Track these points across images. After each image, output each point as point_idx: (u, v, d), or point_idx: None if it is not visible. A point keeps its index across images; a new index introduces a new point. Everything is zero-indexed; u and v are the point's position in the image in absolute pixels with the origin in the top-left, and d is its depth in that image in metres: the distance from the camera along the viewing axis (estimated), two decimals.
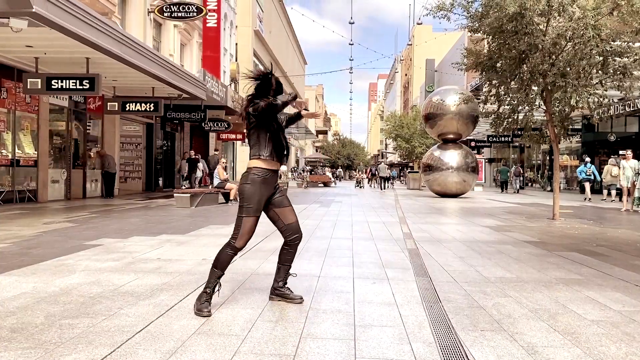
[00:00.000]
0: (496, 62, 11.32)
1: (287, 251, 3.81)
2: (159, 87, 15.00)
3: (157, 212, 11.58)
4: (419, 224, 9.78)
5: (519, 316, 3.51)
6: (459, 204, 16.90)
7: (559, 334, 3.13)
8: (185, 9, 20.43)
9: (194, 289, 4.10)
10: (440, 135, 21.21)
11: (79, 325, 3.10)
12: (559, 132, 11.41)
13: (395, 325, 3.26)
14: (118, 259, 5.42)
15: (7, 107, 13.03)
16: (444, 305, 3.76)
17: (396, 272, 5.01)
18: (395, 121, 37.99)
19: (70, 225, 8.52)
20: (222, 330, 3.07)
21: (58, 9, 8.71)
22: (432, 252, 6.27)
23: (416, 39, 68.85)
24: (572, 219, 11.27)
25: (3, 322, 3.15)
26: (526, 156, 36.59)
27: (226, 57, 29.90)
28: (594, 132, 26.26)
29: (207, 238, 7.22)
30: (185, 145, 25.30)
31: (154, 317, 3.32)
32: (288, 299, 3.75)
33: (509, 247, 6.82)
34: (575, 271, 5.19)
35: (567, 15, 9.76)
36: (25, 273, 4.60)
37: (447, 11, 11.28)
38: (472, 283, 4.55)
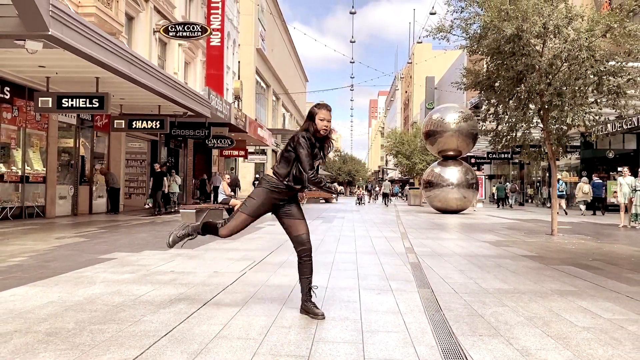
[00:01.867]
0: (494, 82, 11.66)
1: (300, 263, 3.94)
2: (165, 105, 15.36)
3: (164, 227, 11.83)
4: (420, 239, 10.03)
5: (515, 323, 3.77)
6: (460, 220, 17.16)
7: (552, 339, 3.38)
8: (190, 28, 20.92)
9: (209, 299, 4.36)
10: (441, 152, 21.54)
11: (108, 330, 3.36)
12: (556, 150, 11.71)
13: (400, 331, 3.52)
14: (133, 271, 5.67)
15: (17, 125, 13.37)
16: (445, 314, 4.01)
17: (399, 284, 5.26)
18: (396, 138, 38.38)
19: (81, 240, 8.78)
20: (241, 335, 3.33)
21: (72, 31, 9.07)
22: (433, 266, 6.53)
23: (416, 57, 69.66)
24: (570, 235, 11.52)
25: (38, 327, 3.41)
26: (526, 173, 36.92)
27: (229, 74, 30.41)
28: (592, 149, 26.61)
29: (216, 252, 7.47)
30: (188, 161, 25.64)
31: (176, 323, 3.57)
32: (311, 313, 3.84)
33: (508, 261, 7.08)
34: (570, 283, 5.44)
35: (562, 37, 10.13)
36: (48, 284, 4.86)
37: (447, 32, 11.64)
38: (471, 294, 4.80)
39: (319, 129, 3.90)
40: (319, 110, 3.93)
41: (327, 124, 3.92)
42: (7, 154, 13.12)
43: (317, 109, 3.95)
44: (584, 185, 21.21)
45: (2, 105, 12.74)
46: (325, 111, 3.94)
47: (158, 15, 21.05)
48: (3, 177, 12.92)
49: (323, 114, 3.92)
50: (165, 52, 22.36)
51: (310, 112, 3.98)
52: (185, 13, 24.24)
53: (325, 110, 3.94)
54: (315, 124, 3.90)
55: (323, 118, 3.91)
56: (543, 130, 11.57)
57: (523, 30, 9.94)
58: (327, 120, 3.93)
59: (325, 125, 3.91)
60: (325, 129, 3.92)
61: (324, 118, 3.91)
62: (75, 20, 9.18)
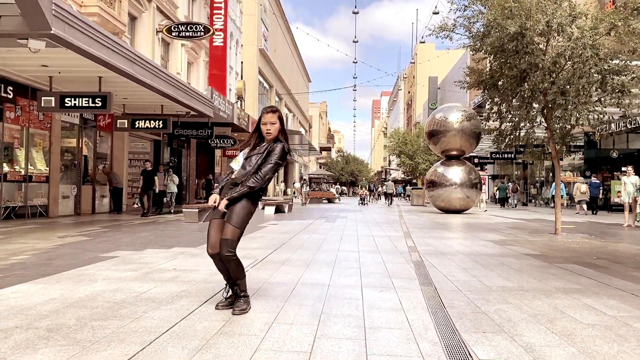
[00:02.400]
0: (498, 81, 11.62)
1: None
2: (168, 105, 15.36)
3: (166, 226, 11.83)
4: (423, 238, 9.99)
5: (518, 320, 3.73)
6: (463, 219, 17.11)
7: (556, 335, 3.35)
8: (193, 28, 20.93)
9: (211, 296, 4.34)
10: (444, 152, 21.48)
11: (109, 327, 3.34)
12: (560, 149, 11.66)
13: (403, 327, 3.49)
14: (136, 269, 5.66)
15: (21, 125, 13.39)
16: (449, 311, 3.98)
17: (402, 281, 5.23)
18: (399, 138, 38.31)
19: (84, 239, 8.78)
20: (242, 331, 3.30)
21: (75, 30, 9.07)
22: (436, 264, 6.50)
23: (419, 56, 69.57)
24: (574, 234, 11.47)
25: (39, 323, 3.40)
26: (529, 173, 36.82)
27: (232, 75, 30.40)
28: (596, 149, 26.51)
29: None
30: (191, 161, 25.65)
31: (177, 319, 3.55)
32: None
33: (511, 260, 7.04)
34: (575, 281, 5.40)
35: (566, 35, 10.08)
36: (50, 282, 4.84)
37: (450, 31, 11.60)
38: (475, 291, 4.77)
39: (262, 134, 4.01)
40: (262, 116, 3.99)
41: (269, 127, 3.96)
42: (10, 153, 13.13)
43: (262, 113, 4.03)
44: (581, 185, 22.01)
45: (6, 105, 12.76)
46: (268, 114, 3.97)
47: (161, 15, 21.07)
48: (6, 177, 12.93)
49: (265, 117, 3.97)
50: (168, 53, 22.38)
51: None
52: (188, 13, 24.26)
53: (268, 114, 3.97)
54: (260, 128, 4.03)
55: (265, 122, 3.97)
56: (547, 129, 11.52)
57: (527, 28, 9.90)
58: (270, 123, 3.96)
59: (268, 130, 3.96)
60: (268, 132, 3.96)
61: (266, 122, 3.97)
62: (78, 19, 9.19)
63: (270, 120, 3.96)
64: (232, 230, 3.78)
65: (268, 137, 3.98)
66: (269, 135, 3.97)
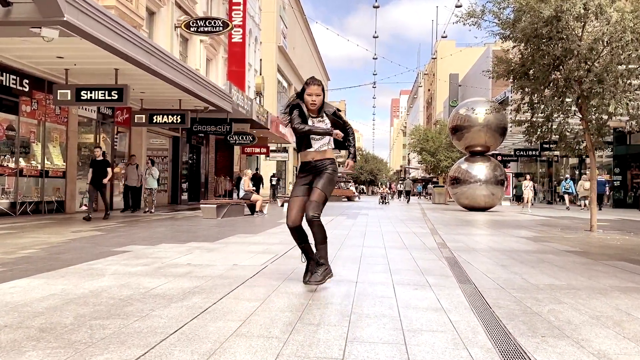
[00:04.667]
0: (529, 69, 11.00)
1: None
2: (185, 100, 15.04)
3: (183, 222, 11.48)
4: (451, 235, 9.47)
5: (580, 323, 3.23)
6: (489, 217, 16.49)
7: (631, 342, 2.84)
8: (212, 23, 20.64)
9: (227, 292, 3.91)
10: (468, 148, 20.86)
11: (109, 326, 2.93)
12: (596, 141, 11.02)
13: (447, 330, 3.01)
14: (147, 264, 5.27)
15: (37, 119, 13.17)
16: (496, 311, 3.49)
17: (437, 279, 4.75)
18: (420, 135, 37.60)
19: (98, 234, 8.45)
20: (262, 333, 2.86)
21: (89, 18, 8.76)
22: (470, 261, 5.99)
23: (439, 53, 68.58)
24: (610, 231, 10.83)
25: (31, 322, 3.00)
26: (554, 171, 35.80)
27: (251, 72, 30.10)
28: (626, 145, 25.57)
29: (236, 246, 7.04)
30: (210, 158, 25.38)
31: (188, 319, 3.13)
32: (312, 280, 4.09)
33: (551, 257, 6.49)
34: (629, 279, 4.86)
35: (604, 19, 9.45)
36: (53, 276, 4.47)
37: (478, 18, 11.05)
38: (520, 290, 4.26)
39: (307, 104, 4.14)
40: (307, 86, 4.13)
41: (315, 98, 4.10)
42: (27, 148, 12.92)
43: (306, 84, 4.16)
44: (585, 182, 22.67)
45: (22, 99, 12.54)
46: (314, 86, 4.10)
47: (179, 10, 20.79)
48: (22, 172, 12.72)
49: (311, 89, 4.10)
50: (186, 49, 22.11)
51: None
52: (206, 9, 23.96)
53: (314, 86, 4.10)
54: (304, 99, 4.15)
55: (311, 93, 4.10)
56: (582, 120, 10.89)
57: (562, 12, 9.30)
58: (316, 95, 4.11)
59: (313, 100, 4.10)
60: (313, 102, 4.10)
61: (312, 93, 4.10)
62: (92, 6, 8.87)
63: (316, 92, 4.10)
64: (319, 193, 4.05)
65: (313, 107, 4.14)
66: (313, 106, 4.13)
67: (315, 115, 4.18)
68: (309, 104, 4.11)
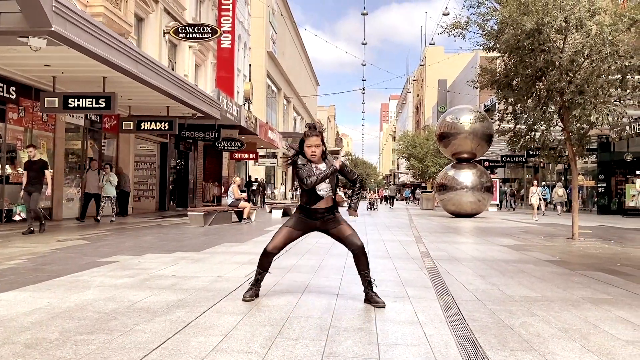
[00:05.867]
0: (512, 80, 11.21)
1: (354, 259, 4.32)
2: (173, 107, 15.09)
3: (170, 230, 11.53)
4: (435, 243, 9.62)
5: (548, 336, 3.37)
6: (475, 223, 16.68)
7: (594, 355, 2.98)
8: (200, 30, 20.68)
9: (210, 306, 4.01)
10: (455, 155, 21.07)
11: (94, 341, 3.01)
12: (577, 150, 11.25)
13: (420, 344, 3.14)
14: (133, 275, 5.34)
15: (24, 126, 13.16)
16: (470, 324, 3.62)
17: (417, 290, 4.88)
18: (408, 140, 37.89)
19: (84, 243, 8.49)
20: (242, 348, 2.96)
21: (76, 27, 8.81)
22: (451, 271, 6.13)
23: (428, 59, 69.06)
24: (591, 239, 11.05)
25: (17, 337, 3.08)
26: (540, 176, 36.22)
27: (240, 77, 30.18)
28: (610, 152, 25.95)
29: (222, 256, 7.13)
30: (198, 164, 25.39)
31: (171, 333, 3.22)
32: (372, 302, 4.16)
33: (531, 266, 6.65)
34: (602, 290, 5.02)
35: (584, 32, 9.68)
36: (40, 289, 4.53)
37: (462, 29, 11.24)
38: (496, 302, 4.40)
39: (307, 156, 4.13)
40: (306, 138, 4.10)
41: (315, 149, 4.08)
42: (13, 155, 12.89)
43: (304, 135, 4.12)
44: (559, 189, 25.62)
45: (9, 106, 12.52)
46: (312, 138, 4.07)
47: (168, 16, 20.84)
48: (9, 179, 12.69)
49: (310, 141, 4.07)
50: (175, 54, 22.15)
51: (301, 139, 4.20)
52: (195, 15, 24.03)
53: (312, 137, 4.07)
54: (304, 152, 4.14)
55: (310, 145, 4.07)
56: (563, 130, 11.11)
57: (543, 24, 9.51)
58: (315, 146, 4.08)
59: (312, 152, 4.09)
60: (313, 154, 4.09)
61: (311, 144, 4.07)
62: (80, 16, 8.92)
63: (315, 143, 4.09)
64: (349, 225, 4.26)
65: (313, 159, 4.14)
66: (314, 157, 4.13)
67: (319, 163, 4.19)
68: (309, 155, 4.10)
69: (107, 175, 14.13)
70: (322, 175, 4.05)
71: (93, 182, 13.93)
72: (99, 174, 14.11)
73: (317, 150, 4.07)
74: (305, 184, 4.05)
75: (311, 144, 4.06)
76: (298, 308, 4.03)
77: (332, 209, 4.24)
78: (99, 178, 14.01)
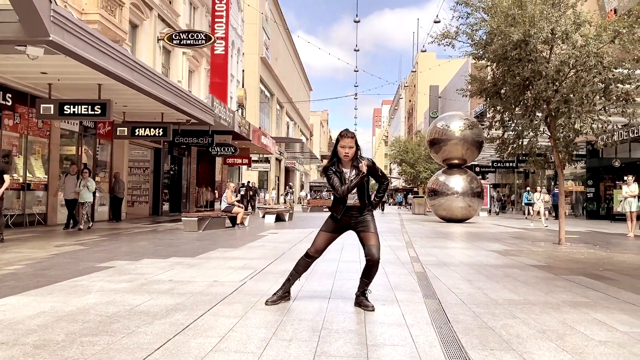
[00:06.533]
0: (500, 89, 11.50)
1: (365, 268, 4.47)
2: (168, 113, 15.25)
3: (165, 235, 11.68)
4: (425, 248, 9.84)
5: (527, 336, 3.58)
6: (465, 228, 16.94)
7: (567, 354, 3.20)
8: (194, 36, 20.88)
9: (207, 309, 4.19)
10: (445, 161, 21.35)
11: (99, 343, 3.19)
12: (563, 158, 11.53)
13: (407, 344, 3.34)
14: (131, 280, 5.51)
15: (19, 132, 13.28)
16: (454, 326, 3.83)
17: (405, 294, 5.08)
18: (400, 146, 38.21)
19: (81, 248, 8.63)
20: (239, 348, 3.15)
21: (73, 37, 8.98)
22: (440, 275, 6.34)
23: (420, 65, 69.54)
24: (578, 244, 11.31)
25: (26, 339, 3.25)
26: (531, 182, 36.62)
27: (233, 83, 30.36)
28: (598, 158, 26.35)
29: (217, 261, 7.30)
30: (192, 169, 25.52)
31: (171, 335, 3.40)
32: (362, 305, 4.38)
33: (516, 271, 6.88)
34: (582, 294, 5.25)
35: (570, 43, 9.97)
36: (42, 293, 4.70)
37: (452, 39, 11.51)
38: (480, 305, 4.62)
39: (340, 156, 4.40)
40: (340, 139, 4.39)
41: (348, 150, 4.34)
42: (8, 161, 13.00)
43: (339, 136, 4.42)
44: (544, 195, 25.86)
45: (4, 112, 12.65)
46: (347, 139, 4.35)
47: (162, 23, 21.03)
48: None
49: (344, 142, 4.35)
50: (169, 60, 22.33)
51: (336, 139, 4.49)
52: (189, 21, 24.23)
53: (347, 138, 4.35)
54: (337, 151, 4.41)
55: (344, 145, 4.34)
56: (550, 138, 11.39)
57: (530, 36, 9.79)
58: (349, 147, 4.34)
59: (346, 152, 4.35)
60: (346, 155, 4.35)
61: (345, 145, 4.34)
62: (77, 26, 9.09)
63: (349, 144, 4.35)
64: (377, 238, 4.45)
65: (345, 159, 4.39)
66: (346, 158, 4.38)
67: (349, 166, 4.43)
68: (342, 155, 4.37)
69: (84, 180, 13.53)
70: (353, 184, 4.31)
71: (71, 187, 13.50)
72: (77, 178, 13.61)
73: (350, 152, 4.35)
74: (338, 194, 4.34)
75: (345, 144, 4.34)
76: (291, 311, 4.22)
77: (361, 209, 4.46)
78: (77, 183, 13.49)
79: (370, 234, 4.40)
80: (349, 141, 4.33)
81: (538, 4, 10.12)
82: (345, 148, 4.34)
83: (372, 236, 4.39)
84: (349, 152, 4.35)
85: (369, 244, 4.38)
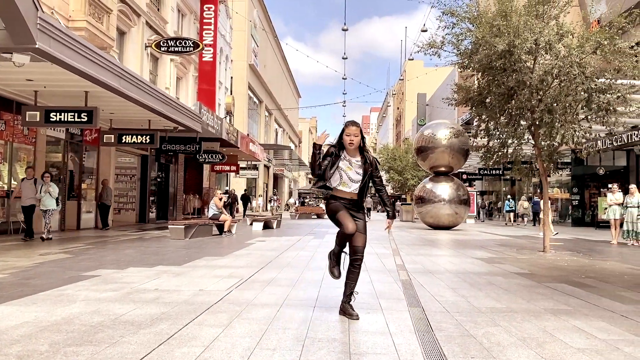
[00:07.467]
0: (485, 98, 11.64)
1: (349, 270, 4.56)
2: (155, 120, 15.23)
3: (151, 243, 11.64)
4: (412, 256, 9.90)
5: (508, 344, 3.64)
6: (452, 236, 17.06)
7: None
8: (182, 43, 20.88)
9: (192, 318, 4.21)
10: (432, 168, 21.50)
11: (83, 353, 3.20)
12: (547, 166, 11.68)
13: (389, 352, 3.38)
14: (116, 289, 5.51)
15: (4, 139, 13.18)
16: (436, 334, 3.89)
17: (389, 302, 5.13)
18: (388, 154, 38.39)
19: (66, 257, 8.59)
20: (222, 357, 3.18)
21: (60, 44, 8.96)
22: (424, 283, 6.40)
23: (408, 73, 70.10)
24: (562, 252, 11.45)
25: (9, 349, 3.25)
26: (517, 189, 36.97)
27: (221, 90, 30.38)
28: (583, 166, 26.68)
29: (203, 269, 7.31)
30: (179, 176, 25.44)
31: (156, 345, 3.42)
32: (347, 314, 4.43)
33: (500, 279, 6.96)
34: (564, 302, 5.33)
35: (553, 54, 10.15)
36: (25, 303, 4.68)
37: (438, 48, 11.65)
38: (463, 313, 4.68)
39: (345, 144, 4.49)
40: (346, 127, 4.53)
41: (353, 138, 4.45)
42: None
43: (345, 126, 4.57)
44: (524, 202, 28.20)
45: None
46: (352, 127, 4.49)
47: (150, 30, 21.01)
48: None
49: (349, 130, 4.48)
50: (157, 67, 22.29)
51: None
52: (177, 28, 24.24)
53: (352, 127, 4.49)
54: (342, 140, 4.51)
55: (349, 133, 4.46)
56: (534, 147, 11.54)
57: (514, 46, 9.95)
58: (354, 135, 4.46)
59: (351, 140, 4.45)
60: (351, 142, 4.46)
61: (350, 133, 4.46)
62: (64, 33, 9.08)
63: (354, 133, 4.46)
64: (365, 239, 4.59)
65: (350, 147, 4.49)
66: (351, 146, 4.48)
67: (354, 155, 4.53)
68: (347, 143, 4.48)
69: (46, 186, 12.22)
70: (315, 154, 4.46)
71: (28, 192, 12.16)
72: (35, 183, 12.26)
73: (355, 140, 4.45)
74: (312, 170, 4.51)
75: (350, 132, 4.45)
76: (276, 320, 4.25)
77: (358, 206, 4.57)
78: (36, 188, 12.18)
79: (359, 234, 4.49)
80: (354, 129, 4.45)
81: (522, 15, 10.30)
82: (350, 136, 4.45)
83: (360, 236, 4.51)
84: (354, 140, 4.45)
85: (356, 243, 4.49)
